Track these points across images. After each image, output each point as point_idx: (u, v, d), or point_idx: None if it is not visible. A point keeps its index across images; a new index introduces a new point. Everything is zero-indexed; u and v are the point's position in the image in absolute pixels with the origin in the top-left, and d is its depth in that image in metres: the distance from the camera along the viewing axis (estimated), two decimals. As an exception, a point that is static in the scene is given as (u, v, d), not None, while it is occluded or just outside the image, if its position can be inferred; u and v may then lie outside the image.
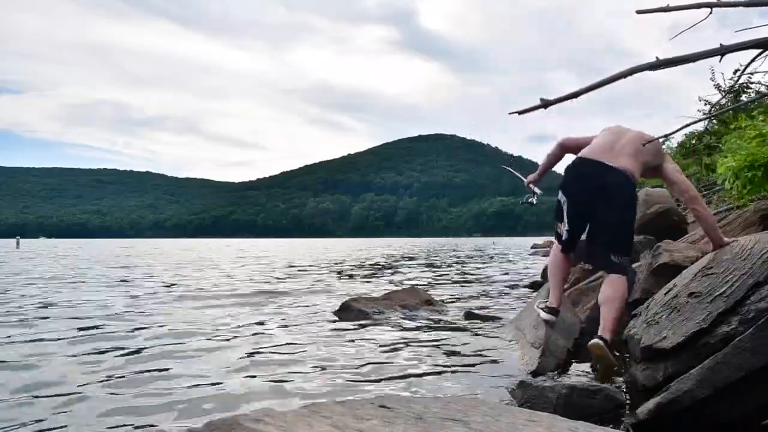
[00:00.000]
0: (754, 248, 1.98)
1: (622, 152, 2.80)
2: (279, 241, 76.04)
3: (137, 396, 2.30)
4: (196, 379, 2.56)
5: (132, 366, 2.81)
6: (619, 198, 2.71)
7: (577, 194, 2.83)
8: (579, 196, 2.82)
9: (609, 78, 2.61)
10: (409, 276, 9.31)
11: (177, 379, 2.57)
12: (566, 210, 2.85)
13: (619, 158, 2.76)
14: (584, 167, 2.81)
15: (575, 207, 2.83)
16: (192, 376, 2.61)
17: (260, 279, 8.48)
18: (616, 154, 2.79)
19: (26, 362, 2.90)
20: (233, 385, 2.45)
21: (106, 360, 2.95)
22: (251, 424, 0.76)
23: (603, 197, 2.71)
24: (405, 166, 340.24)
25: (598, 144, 2.89)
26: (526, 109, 2.73)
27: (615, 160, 2.75)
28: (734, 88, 7.15)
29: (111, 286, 7.38)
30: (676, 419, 1.74)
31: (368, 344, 3.36)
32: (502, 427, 0.99)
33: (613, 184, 2.71)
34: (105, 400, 2.25)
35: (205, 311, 4.83)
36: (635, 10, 2.59)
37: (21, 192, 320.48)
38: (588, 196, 2.78)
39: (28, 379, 2.56)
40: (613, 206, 2.70)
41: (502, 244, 38.48)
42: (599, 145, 2.87)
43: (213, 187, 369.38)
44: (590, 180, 2.77)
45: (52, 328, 3.97)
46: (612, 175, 2.71)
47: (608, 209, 2.70)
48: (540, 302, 3.11)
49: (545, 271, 7.21)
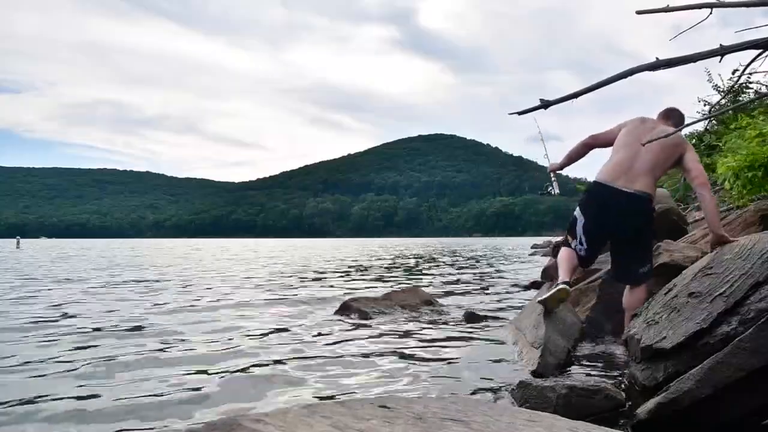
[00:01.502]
0: (754, 248, 1.98)
1: (639, 171, 2.85)
2: (286, 241, 75.94)
3: (137, 396, 2.30)
4: (195, 379, 2.56)
5: (132, 365, 2.81)
6: (639, 218, 2.86)
7: (597, 219, 2.94)
8: (599, 222, 2.94)
9: (609, 78, 2.62)
10: (460, 278, 9.30)
11: (176, 378, 2.57)
12: (583, 229, 2.96)
13: (637, 181, 2.83)
14: (603, 195, 2.91)
15: (596, 230, 2.95)
16: (191, 376, 2.61)
17: (298, 284, 8.47)
18: (634, 176, 2.84)
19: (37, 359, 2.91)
20: (233, 385, 2.45)
21: (106, 359, 2.95)
22: (251, 424, 0.76)
23: (623, 223, 2.87)
24: (405, 166, 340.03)
25: (615, 164, 2.93)
26: (526, 110, 2.74)
27: (632, 184, 2.83)
28: (734, 88, 7.15)
29: (154, 291, 7.38)
30: (676, 419, 1.74)
31: (368, 344, 3.36)
32: (502, 427, 0.99)
33: (632, 211, 2.84)
34: (105, 399, 2.25)
35: (210, 313, 4.83)
36: (635, 11, 2.59)
37: (21, 192, 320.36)
38: (608, 222, 2.91)
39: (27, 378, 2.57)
40: (634, 228, 2.86)
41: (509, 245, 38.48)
42: (617, 165, 2.92)
43: (213, 187, 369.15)
44: (609, 208, 2.89)
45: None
46: (630, 201, 2.82)
47: (629, 231, 2.88)
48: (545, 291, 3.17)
49: (545, 271, 7.21)
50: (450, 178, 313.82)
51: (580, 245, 2.97)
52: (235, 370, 2.72)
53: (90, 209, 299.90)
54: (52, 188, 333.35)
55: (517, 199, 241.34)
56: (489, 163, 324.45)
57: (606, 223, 2.93)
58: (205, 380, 2.54)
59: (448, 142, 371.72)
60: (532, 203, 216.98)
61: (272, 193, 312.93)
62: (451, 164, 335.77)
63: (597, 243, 3.01)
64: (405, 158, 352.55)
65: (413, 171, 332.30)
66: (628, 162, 2.88)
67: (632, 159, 2.88)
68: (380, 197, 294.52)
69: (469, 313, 4.35)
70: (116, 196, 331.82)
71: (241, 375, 2.64)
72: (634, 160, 2.88)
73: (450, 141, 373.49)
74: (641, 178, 2.84)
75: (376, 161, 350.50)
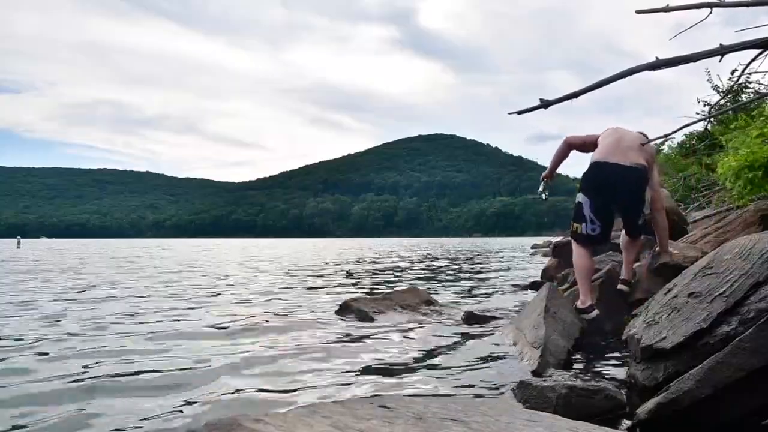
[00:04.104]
0: (754, 248, 1.98)
1: (628, 149, 3.28)
2: (287, 241, 75.83)
3: (136, 396, 2.30)
4: (195, 379, 2.55)
5: (131, 365, 2.81)
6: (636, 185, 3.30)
7: (601, 195, 3.35)
8: (604, 196, 3.34)
9: (609, 78, 2.62)
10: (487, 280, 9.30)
11: (175, 378, 2.57)
12: (591, 210, 3.35)
13: (628, 154, 3.26)
14: (604, 171, 3.31)
15: (603, 206, 3.35)
16: (191, 376, 2.60)
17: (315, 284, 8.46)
18: (624, 151, 3.28)
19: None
20: (233, 385, 2.45)
21: (106, 358, 2.95)
22: (251, 424, 0.76)
23: (624, 191, 3.30)
24: (405, 166, 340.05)
25: (606, 147, 3.37)
26: (526, 109, 2.74)
27: (625, 157, 3.25)
28: (733, 88, 7.15)
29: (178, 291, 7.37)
30: (676, 419, 1.74)
31: (368, 344, 3.36)
32: (502, 427, 0.99)
33: (630, 179, 3.26)
34: (103, 399, 2.25)
35: (214, 313, 4.83)
36: (635, 10, 2.59)
37: (21, 192, 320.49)
38: (612, 194, 3.32)
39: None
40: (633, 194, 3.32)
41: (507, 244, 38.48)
42: (607, 148, 3.36)
43: (213, 187, 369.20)
44: (610, 181, 3.29)
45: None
46: (627, 172, 3.23)
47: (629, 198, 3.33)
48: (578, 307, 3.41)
49: (545, 272, 7.21)
50: (450, 178, 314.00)
51: (591, 225, 3.34)
52: (234, 370, 2.72)
53: (90, 209, 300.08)
54: (52, 188, 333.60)
55: (517, 199, 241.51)
56: (489, 163, 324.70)
57: (609, 195, 3.32)
58: (204, 379, 2.54)
59: (448, 142, 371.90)
60: (532, 203, 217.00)
61: (272, 193, 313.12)
62: (451, 164, 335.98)
63: (607, 218, 3.37)
64: (405, 158, 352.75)
65: (413, 171, 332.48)
66: (616, 143, 3.34)
67: (619, 141, 3.35)
68: (380, 197, 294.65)
69: (468, 313, 4.35)
70: (116, 196, 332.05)
71: (241, 375, 2.64)
72: (621, 141, 3.35)
73: (450, 141, 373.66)
74: (631, 152, 3.26)
75: (376, 161, 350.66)
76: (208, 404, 2.18)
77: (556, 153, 3.75)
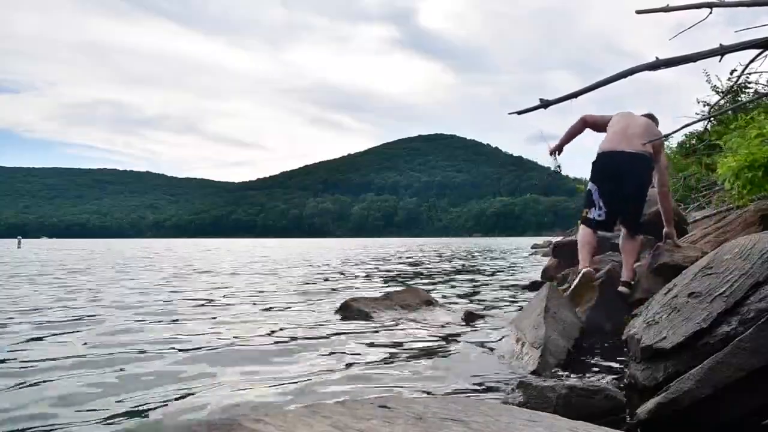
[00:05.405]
0: (754, 248, 1.98)
1: (634, 136, 3.42)
2: (288, 241, 75.69)
3: (136, 395, 2.30)
4: (194, 378, 2.55)
5: (131, 364, 2.81)
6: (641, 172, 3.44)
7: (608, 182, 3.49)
8: (611, 184, 3.48)
9: (609, 78, 2.63)
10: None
11: (175, 378, 2.57)
12: (599, 194, 3.52)
13: (633, 142, 3.39)
14: (613, 160, 3.47)
15: (611, 193, 3.49)
16: (190, 375, 2.60)
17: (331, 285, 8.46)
18: (630, 138, 3.42)
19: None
20: (232, 385, 2.45)
21: (106, 357, 2.95)
22: (251, 424, 0.76)
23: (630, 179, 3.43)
24: (405, 166, 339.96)
25: (613, 135, 3.52)
26: (526, 109, 2.75)
27: (631, 145, 3.39)
28: (733, 88, 7.15)
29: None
30: (676, 419, 1.74)
31: (368, 344, 3.36)
32: (502, 427, 0.99)
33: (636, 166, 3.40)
34: (103, 399, 2.25)
35: (216, 312, 4.83)
36: (635, 10, 2.59)
37: (21, 192, 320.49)
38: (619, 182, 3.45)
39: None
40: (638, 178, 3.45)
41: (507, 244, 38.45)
42: (615, 135, 3.51)
43: (213, 187, 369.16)
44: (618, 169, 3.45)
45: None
46: (633, 158, 3.38)
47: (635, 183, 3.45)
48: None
49: (545, 272, 7.21)
50: (450, 178, 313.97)
51: (598, 210, 3.51)
52: (234, 370, 2.72)
53: (90, 209, 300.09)
54: (52, 188, 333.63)
55: (517, 199, 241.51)
56: (489, 163, 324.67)
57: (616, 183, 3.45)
58: (204, 379, 2.54)
59: (448, 142, 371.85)
60: (532, 203, 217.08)
61: (272, 193, 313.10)
62: (451, 164, 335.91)
63: (614, 204, 3.52)
64: (405, 158, 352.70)
65: (413, 171, 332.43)
66: (623, 131, 3.48)
67: (626, 128, 3.49)
68: (380, 197, 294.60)
69: (468, 312, 4.35)
70: (116, 196, 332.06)
71: (240, 375, 2.64)
72: (628, 128, 3.49)
73: (450, 141, 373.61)
74: (637, 140, 3.39)
75: (376, 161, 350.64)
76: (207, 404, 2.18)
77: (570, 128, 3.84)
